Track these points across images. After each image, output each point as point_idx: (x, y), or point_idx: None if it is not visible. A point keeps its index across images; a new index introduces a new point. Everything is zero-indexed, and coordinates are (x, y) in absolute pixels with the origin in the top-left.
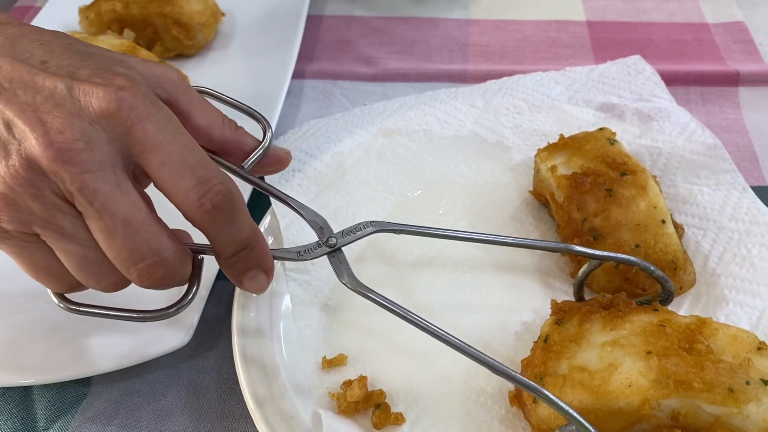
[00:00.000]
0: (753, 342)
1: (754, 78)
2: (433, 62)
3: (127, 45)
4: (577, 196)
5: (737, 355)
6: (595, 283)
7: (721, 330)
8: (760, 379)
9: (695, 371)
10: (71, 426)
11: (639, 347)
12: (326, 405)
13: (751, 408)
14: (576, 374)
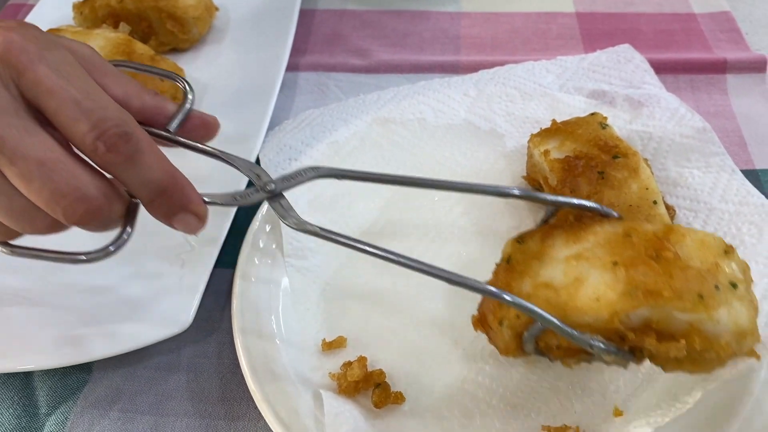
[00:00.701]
0: (720, 246)
1: (742, 65)
2: (426, 54)
3: (123, 38)
4: (570, 179)
5: (705, 260)
6: None
7: (688, 236)
8: (729, 282)
9: (664, 280)
10: (73, 412)
11: (605, 259)
12: (327, 385)
13: (722, 313)
14: (541, 292)
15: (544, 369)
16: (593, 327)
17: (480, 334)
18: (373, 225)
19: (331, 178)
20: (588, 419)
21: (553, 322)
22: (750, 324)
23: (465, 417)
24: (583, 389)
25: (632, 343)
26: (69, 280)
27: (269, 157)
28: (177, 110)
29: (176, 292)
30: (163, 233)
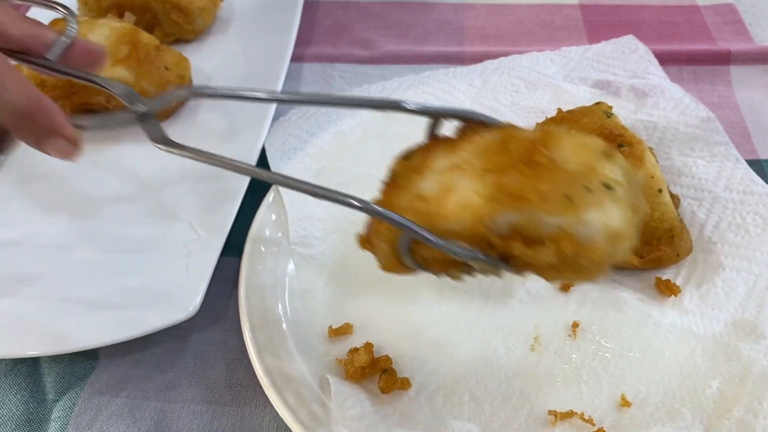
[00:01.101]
0: (599, 148)
1: (746, 57)
2: (430, 45)
3: (128, 28)
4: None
5: (581, 163)
6: None
7: (567, 139)
8: (603, 184)
9: (530, 183)
10: (80, 398)
11: (477, 167)
12: (334, 371)
13: (592, 215)
14: (415, 204)
15: (552, 355)
16: (460, 234)
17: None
18: None
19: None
20: (594, 406)
21: (417, 231)
22: (625, 226)
23: (473, 402)
24: (589, 375)
25: (500, 250)
26: (76, 265)
27: (275, 146)
28: (56, 39)
29: (183, 280)
30: (170, 222)
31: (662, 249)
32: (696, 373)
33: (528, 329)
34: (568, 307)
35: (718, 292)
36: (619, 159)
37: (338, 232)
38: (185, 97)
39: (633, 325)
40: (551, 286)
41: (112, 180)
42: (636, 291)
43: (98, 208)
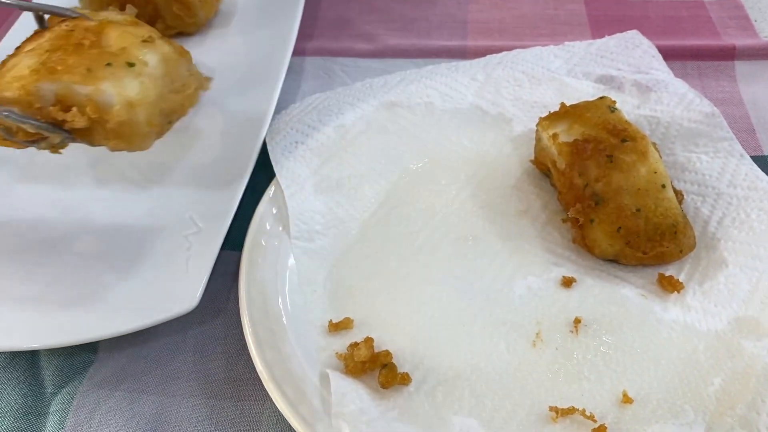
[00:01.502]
0: (140, 35)
1: (751, 52)
2: (433, 39)
3: (129, 20)
4: (578, 162)
5: (117, 46)
6: (597, 247)
7: (116, 28)
8: (126, 62)
9: (64, 58)
10: (79, 391)
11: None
12: (334, 366)
13: (107, 85)
14: None
15: (553, 351)
16: (14, 101)
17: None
18: (380, 207)
19: None
20: (596, 403)
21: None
22: (140, 96)
23: (473, 397)
24: (591, 371)
25: (48, 116)
26: (76, 259)
27: (276, 140)
28: None
29: (183, 273)
30: (168, 213)
31: (665, 245)
32: (698, 370)
33: (530, 325)
34: (569, 302)
35: (721, 288)
36: (159, 47)
37: (339, 226)
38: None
39: (635, 322)
40: (553, 283)
41: (113, 173)
42: (638, 287)
43: (99, 202)
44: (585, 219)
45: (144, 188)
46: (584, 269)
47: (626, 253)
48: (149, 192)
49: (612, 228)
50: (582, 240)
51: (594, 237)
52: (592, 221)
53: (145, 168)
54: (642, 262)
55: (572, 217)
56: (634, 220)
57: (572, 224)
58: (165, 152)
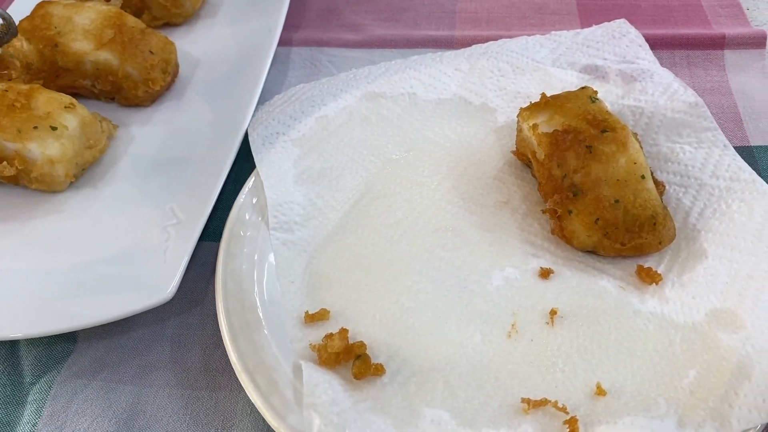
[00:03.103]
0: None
1: (740, 41)
2: (421, 29)
3: (114, 11)
4: (557, 153)
5: (42, 110)
6: (575, 238)
7: (42, 93)
8: (50, 126)
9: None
10: (57, 381)
11: None
12: (307, 357)
13: (33, 145)
14: None
15: (528, 343)
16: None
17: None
18: (361, 198)
19: None
20: (569, 394)
21: None
22: (59, 155)
23: (446, 388)
24: (565, 363)
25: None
26: (55, 249)
27: (258, 131)
28: None
29: (161, 264)
30: (148, 205)
31: (644, 236)
32: (674, 363)
33: (506, 316)
34: (546, 294)
35: (700, 280)
36: (78, 112)
37: (318, 217)
38: None
39: (612, 313)
40: (531, 274)
41: (94, 163)
42: (617, 278)
43: (79, 192)
44: (563, 210)
45: (125, 179)
46: (562, 260)
47: (604, 244)
48: (131, 183)
49: (590, 219)
50: (560, 231)
51: (572, 228)
52: (570, 212)
53: (128, 159)
54: (620, 254)
55: (551, 208)
56: (613, 212)
57: (551, 215)
58: (147, 144)
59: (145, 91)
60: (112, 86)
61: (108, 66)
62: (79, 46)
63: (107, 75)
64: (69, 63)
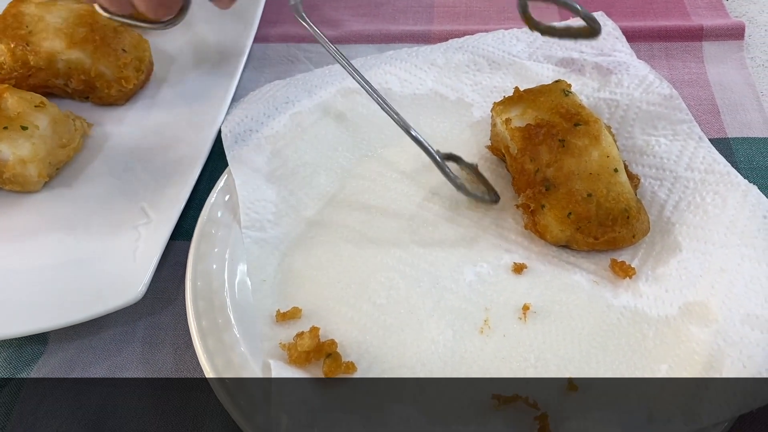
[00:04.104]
0: (33, 102)
1: (719, 32)
2: (398, 24)
3: (86, 9)
4: (530, 147)
5: (14, 110)
6: (548, 233)
7: (13, 94)
8: (21, 126)
9: None
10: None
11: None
12: (278, 356)
13: (3, 146)
14: None
15: (500, 338)
16: None
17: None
18: (335, 196)
19: None
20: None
21: None
22: (31, 155)
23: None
24: (537, 359)
25: None
26: (26, 251)
27: (231, 128)
28: None
29: (131, 263)
30: (120, 204)
31: (617, 230)
32: (646, 357)
33: (478, 312)
34: (519, 289)
35: (674, 273)
36: (49, 110)
37: (291, 215)
38: None
39: (584, 308)
40: (504, 270)
41: (69, 162)
42: (590, 273)
43: (53, 192)
44: (536, 205)
45: (99, 179)
46: (536, 255)
47: (577, 238)
48: (104, 182)
49: (563, 213)
50: (534, 226)
51: (545, 223)
52: (543, 207)
53: (100, 158)
54: (594, 248)
55: (523, 203)
56: (585, 206)
57: (524, 210)
58: (121, 143)
59: (119, 89)
60: (85, 85)
61: (80, 65)
62: (51, 45)
63: (79, 74)
64: (41, 62)
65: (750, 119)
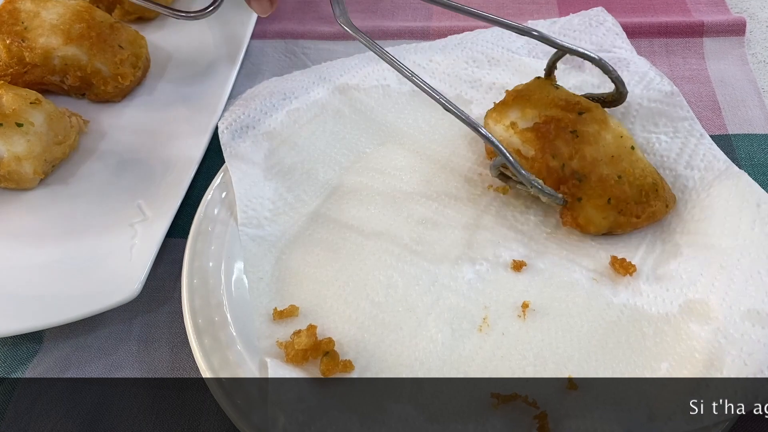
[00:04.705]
0: (28, 98)
1: (719, 28)
2: (397, 20)
3: (83, 5)
4: (548, 145)
5: (11, 108)
6: (591, 224)
7: (8, 90)
8: (16, 123)
9: None
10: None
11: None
12: (275, 354)
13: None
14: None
15: (499, 336)
16: None
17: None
18: (333, 193)
19: None
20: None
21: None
22: (26, 152)
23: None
24: (536, 357)
25: None
26: (22, 248)
27: (228, 125)
28: None
29: (127, 261)
30: (116, 201)
31: (652, 204)
32: (645, 355)
33: (477, 310)
34: (518, 286)
35: (673, 271)
36: (44, 107)
37: (289, 212)
38: None
39: (584, 306)
40: (503, 267)
41: (65, 159)
42: (590, 270)
43: (49, 189)
44: (572, 199)
45: (95, 176)
46: (535, 253)
47: (621, 222)
48: (100, 180)
49: (602, 201)
50: (574, 221)
51: (586, 215)
52: (579, 200)
53: (98, 155)
54: (637, 227)
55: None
56: (620, 188)
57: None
58: (118, 139)
59: (115, 86)
60: (82, 82)
61: (76, 61)
62: (47, 42)
63: (76, 70)
64: (37, 59)
65: (751, 116)
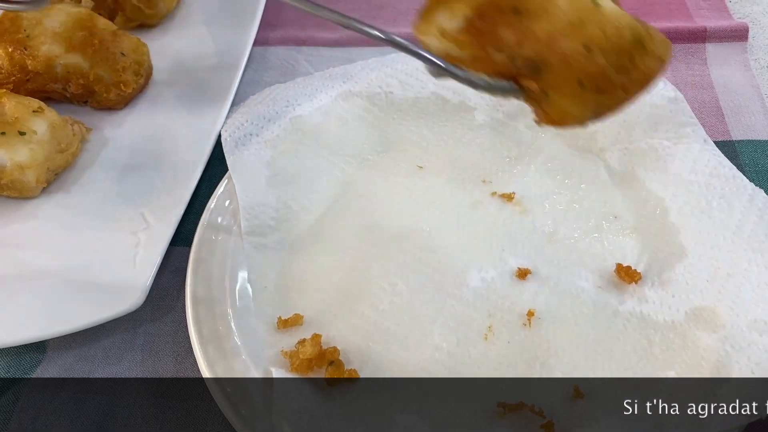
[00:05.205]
0: (31, 107)
1: (722, 34)
2: (399, 26)
3: (85, 13)
4: (487, 38)
5: (13, 116)
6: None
7: (11, 99)
8: (18, 131)
9: None
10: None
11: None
12: (279, 363)
13: (1, 151)
14: None
15: (505, 345)
16: None
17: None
18: (336, 200)
19: None
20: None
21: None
22: (29, 161)
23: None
24: (542, 366)
25: None
26: (24, 258)
27: (231, 133)
28: None
29: (130, 270)
30: (119, 210)
31: (640, 64)
32: (652, 363)
33: (482, 318)
34: (524, 295)
35: (680, 279)
36: (47, 115)
37: (293, 220)
38: None
39: (590, 314)
40: (508, 275)
41: (67, 168)
42: (595, 278)
43: (51, 198)
44: (538, 93)
45: (98, 184)
46: (541, 261)
47: (605, 102)
48: (103, 188)
49: (572, 86)
50: (548, 118)
51: (558, 107)
52: (546, 94)
53: (101, 163)
54: (630, 101)
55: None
56: (591, 62)
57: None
58: (121, 147)
59: (117, 93)
60: (84, 89)
61: (78, 69)
62: (49, 50)
63: (78, 78)
64: (39, 67)
65: (754, 121)
